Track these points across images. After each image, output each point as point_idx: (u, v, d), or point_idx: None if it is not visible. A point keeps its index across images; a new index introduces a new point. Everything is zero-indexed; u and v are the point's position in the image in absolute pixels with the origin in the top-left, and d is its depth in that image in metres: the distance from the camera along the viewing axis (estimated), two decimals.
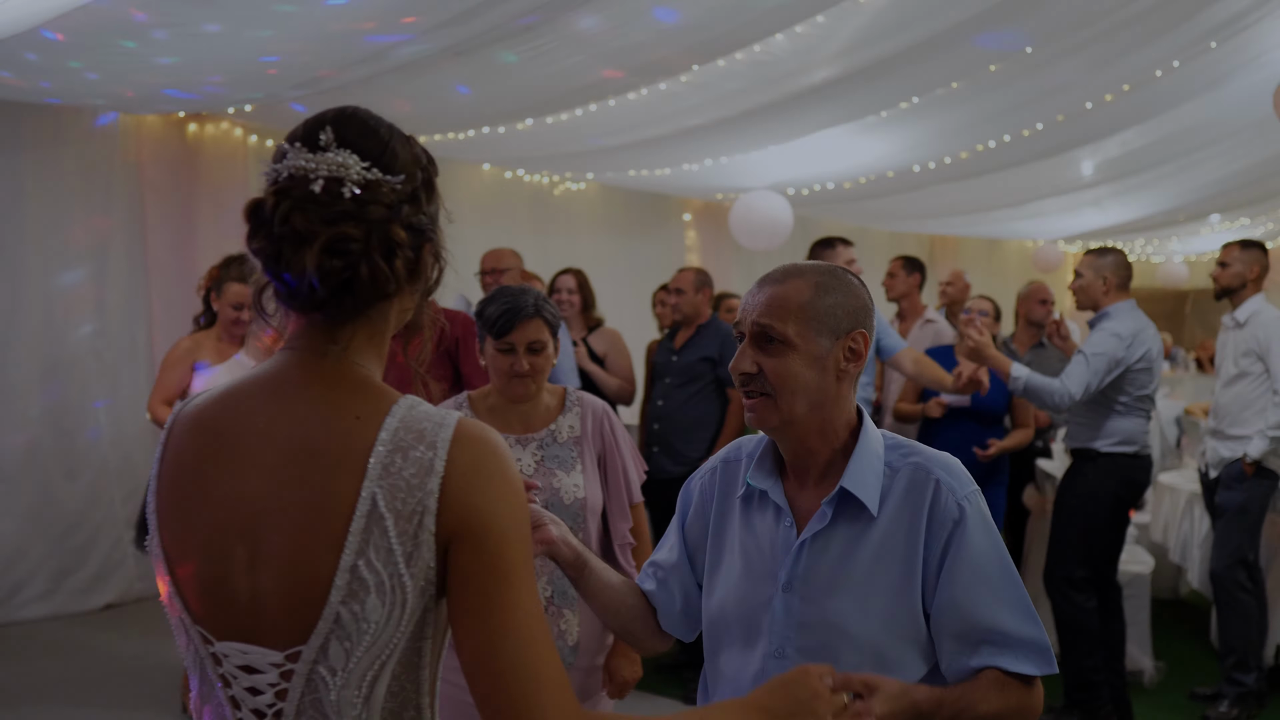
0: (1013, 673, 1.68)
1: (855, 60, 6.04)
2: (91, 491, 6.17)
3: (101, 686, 4.98)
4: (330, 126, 1.26)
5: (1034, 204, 10.90)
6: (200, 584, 1.27)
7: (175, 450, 1.32)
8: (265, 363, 1.34)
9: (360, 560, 1.20)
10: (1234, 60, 7.15)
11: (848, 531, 1.73)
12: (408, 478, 1.20)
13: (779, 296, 1.74)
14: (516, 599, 1.21)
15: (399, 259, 1.26)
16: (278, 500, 1.23)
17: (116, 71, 4.95)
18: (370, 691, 1.23)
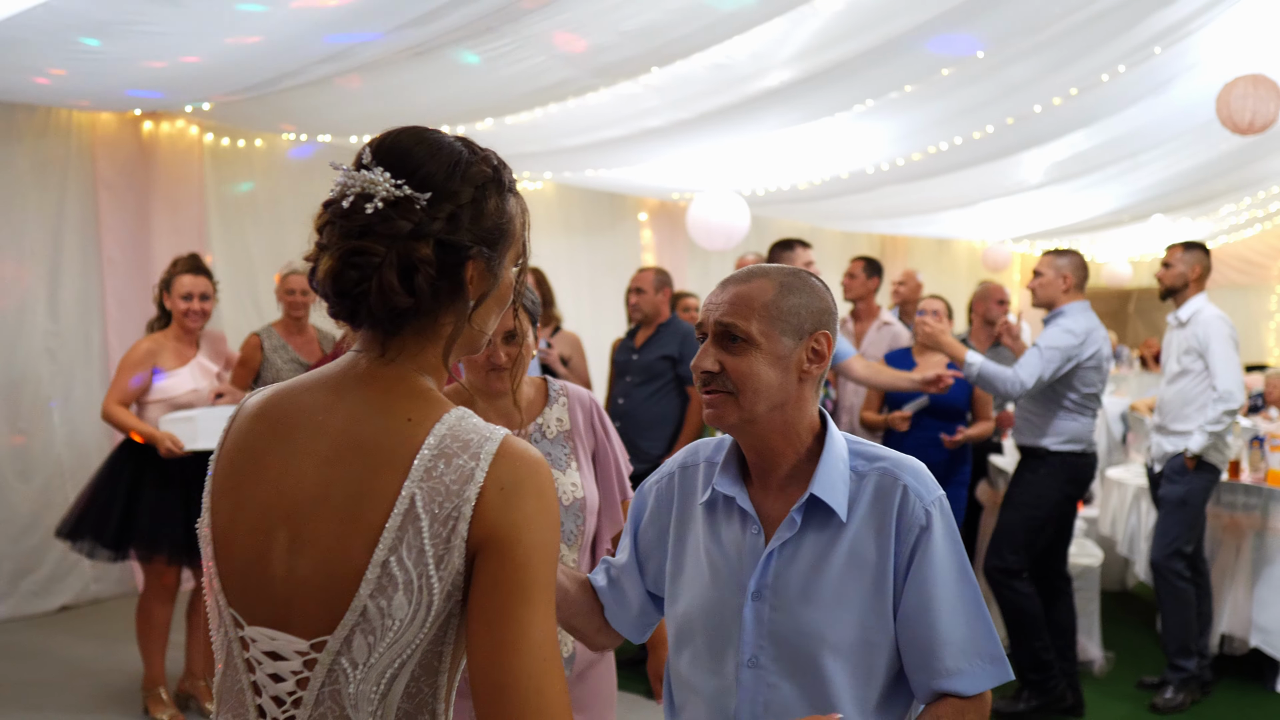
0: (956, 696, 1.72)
1: (811, 64, 6.14)
2: (45, 493, 6.10)
3: (60, 689, 4.93)
4: (372, 147, 1.32)
5: (983, 204, 11.09)
6: (241, 566, 1.31)
7: (236, 436, 1.37)
8: (333, 362, 1.39)
9: (393, 557, 1.23)
10: (1176, 66, 7.35)
11: (817, 538, 1.73)
12: (448, 483, 1.24)
13: (743, 295, 1.75)
14: (532, 617, 1.23)
15: (420, 276, 1.28)
16: (323, 489, 1.27)
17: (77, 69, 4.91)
18: (388, 689, 1.26)
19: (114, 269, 6.40)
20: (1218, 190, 11.66)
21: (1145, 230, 13.78)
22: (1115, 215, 12.41)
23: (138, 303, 6.47)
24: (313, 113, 6.41)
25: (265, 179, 7.23)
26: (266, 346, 5.17)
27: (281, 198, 7.28)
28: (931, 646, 1.71)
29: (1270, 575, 5.25)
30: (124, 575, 6.35)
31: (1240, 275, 15.14)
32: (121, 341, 6.39)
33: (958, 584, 1.73)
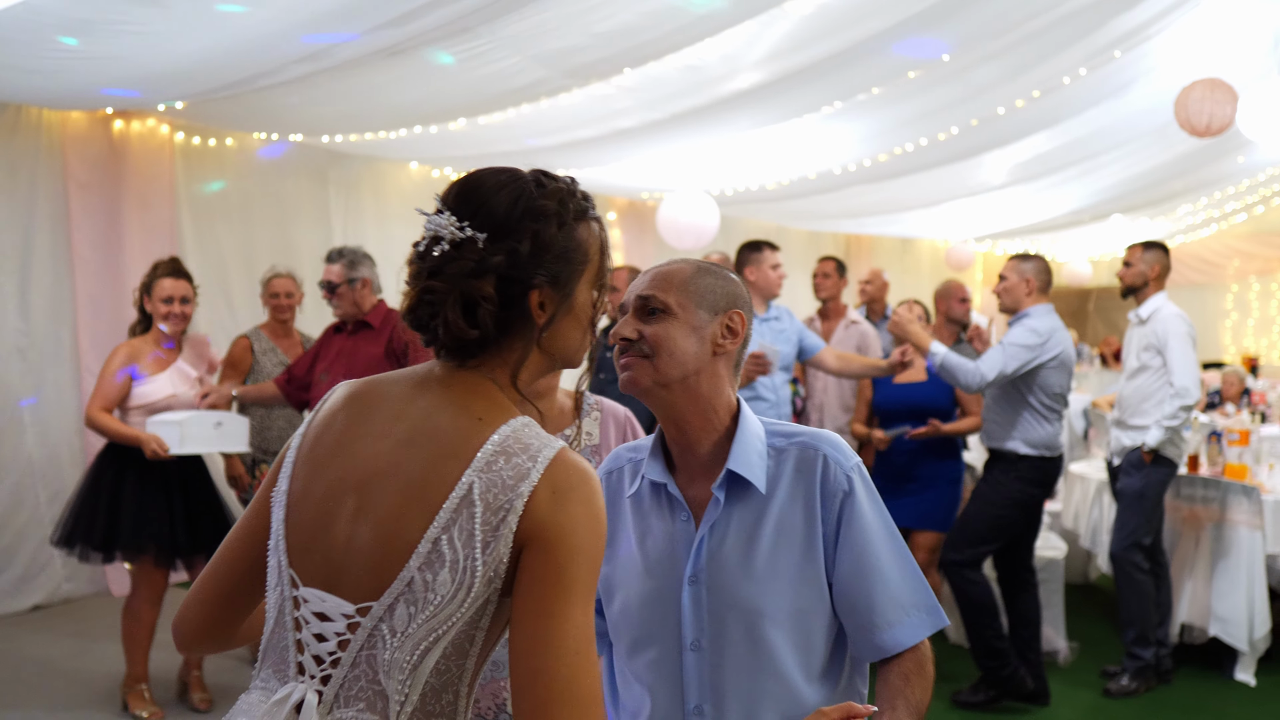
0: (908, 648, 1.79)
1: (780, 66, 6.23)
2: (16, 492, 6.08)
3: (38, 687, 4.93)
4: (445, 194, 1.47)
5: (946, 205, 11.24)
6: (307, 529, 1.43)
7: (326, 413, 1.51)
8: (420, 364, 1.52)
9: (444, 535, 1.34)
10: (1136, 69, 7.53)
11: (743, 515, 1.80)
12: (505, 477, 1.35)
13: (662, 273, 1.86)
14: (570, 612, 1.33)
15: (482, 310, 1.41)
16: (394, 467, 1.39)
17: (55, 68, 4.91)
18: (420, 660, 1.35)
19: (85, 268, 6.38)
20: (1175, 191, 11.90)
21: (1105, 230, 14.02)
22: (1075, 215, 12.62)
23: (109, 302, 6.47)
24: (285, 112, 6.42)
25: (236, 178, 7.23)
26: (256, 349, 5.20)
27: (253, 197, 7.29)
28: (869, 603, 1.78)
29: (1228, 566, 5.40)
30: (95, 575, 6.35)
31: (1197, 275, 15.43)
32: (93, 341, 6.39)
33: (886, 542, 1.82)
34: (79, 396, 6.36)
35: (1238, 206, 14.01)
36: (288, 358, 5.26)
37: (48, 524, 6.14)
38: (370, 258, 4.71)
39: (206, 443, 4.54)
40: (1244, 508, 5.38)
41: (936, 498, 5.35)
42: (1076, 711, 4.94)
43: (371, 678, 1.36)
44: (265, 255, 7.17)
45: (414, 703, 1.36)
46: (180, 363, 4.68)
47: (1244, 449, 5.85)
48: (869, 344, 6.33)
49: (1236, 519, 5.41)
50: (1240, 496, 5.40)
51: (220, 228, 7.07)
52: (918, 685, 1.77)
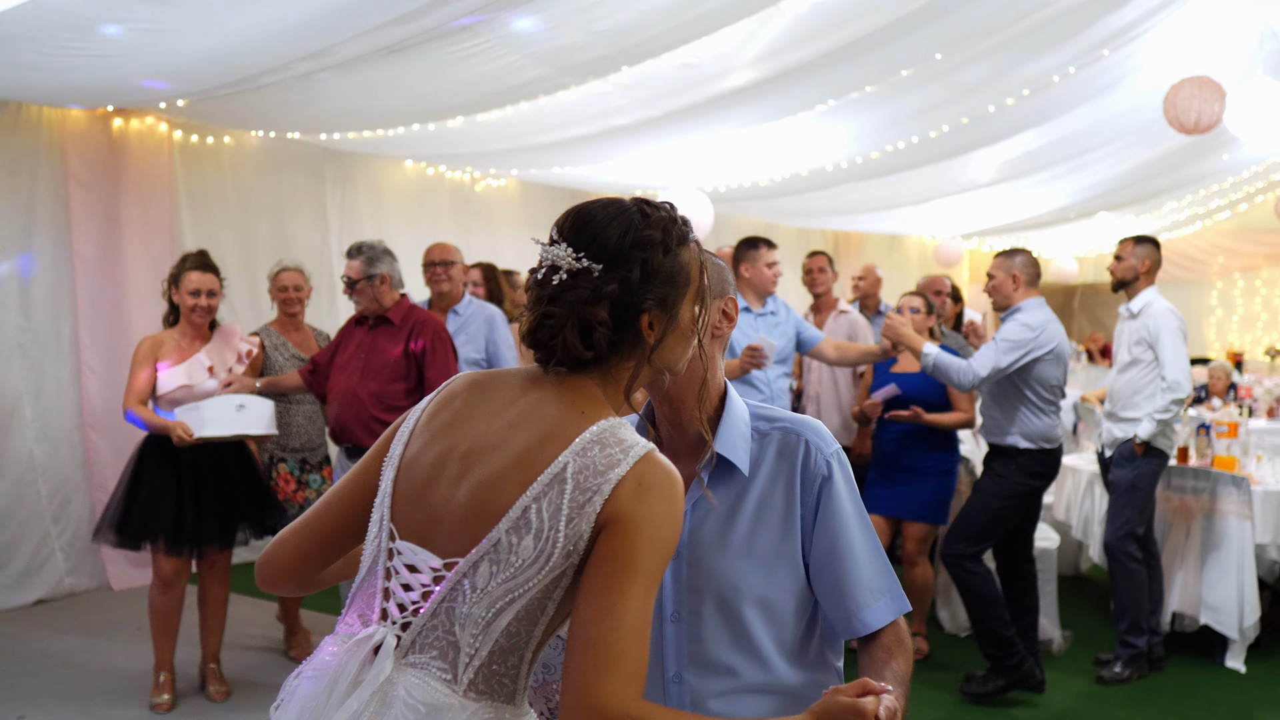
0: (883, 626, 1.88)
1: (775, 64, 6.30)
2: (17, 488, 6.10)
3: (47, 680, 4.96)
4: (559, 225, 1.60)
5: (935, 202, 11.33)
6: (412, 489, 1.58)
7: (447, 394, 1.67)
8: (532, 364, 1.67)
9: (534, 505, 1.48)
10: (1124, 68, 7.62)
11: (725, 495, 1.87)
12: (597, 462, 1.48)
13: None
14: (633, 591, 1.44)
15: (597, 334, 1.55)
16: (501, 442, 1.54)
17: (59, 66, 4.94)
18: (494, 618, 1.49)
19: (85, 265, 6.41)
20: (1161, 188, 12.02)
21: (1091, 227, 14.14)
22: (1062, 212, 12.73)
23: (109, 299, 6.50)
24: (284, 110, 6.46)
25: (234, 176, 7.26)
26: (267, 345, 5.25)
27: (250, 194, 7.33)
28: (841, 584, 1.87)
29: (1218, 555, 5.49)
30: (97, 570, 6.39)
31: (1182, 271, 15.58)
32: (93, 338, 6.43)
33: (860, 528, 1.90)
34: (79, 393, 6.39)
35: (1222, 204, 14.16)
36: (300, 352, 5.30)
37: (48, 519, 6.20)
38: (390, 253, 4.72)
39: (228, 425, 4.58)
40: (1233, 498, 5.47)
41: (927, 489, 5.40)
42: (1071, 698, 5.03)
43: (447, 628, 1.50)
44: (264, 252, 7.22)
45: (482, 657, 1.49)
46: (200, 355, 4.73)
47: (1232, 441, 5.95)
48: (859, 332, 6.43)
49: (1226, 509, 5.50)
50: (1230, 487, 5.49)
51: (219, 225, 7.11)
52: (900, 657, 1.86)
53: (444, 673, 1.50)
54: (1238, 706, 5.00)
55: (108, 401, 6.35)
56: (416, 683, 1.49)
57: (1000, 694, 4.90)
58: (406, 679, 1.50)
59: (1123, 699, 5.05)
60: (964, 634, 5.86)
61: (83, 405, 6.41)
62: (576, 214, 1.59)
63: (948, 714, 4.81)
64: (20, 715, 4.55)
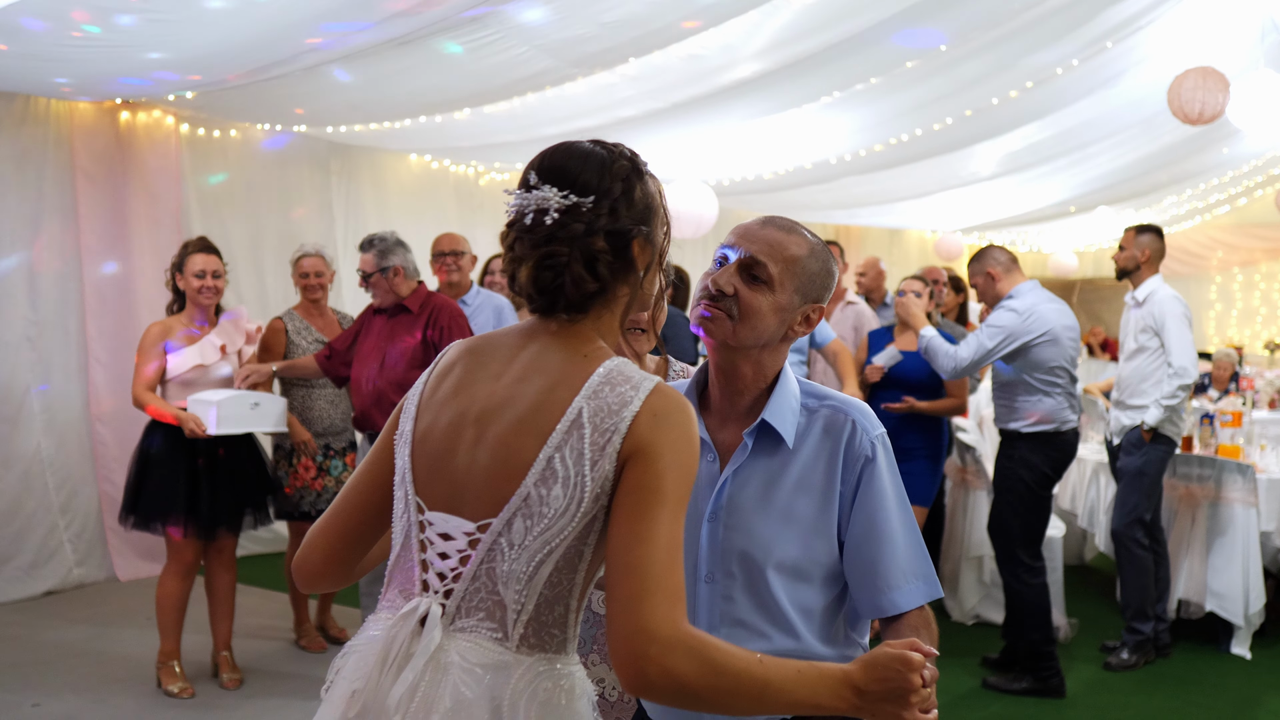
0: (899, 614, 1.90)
1: (781, 56, 6.31)
2: (25, 479, 6.11)
3: (59, 669, 4.98)
4: (534, 170, 1.61)
5: (937, 196, 11.34)
6: (432, 460, 1.60)
7: (444, 366, 1.69)
8: (526, 320, 1.68)
9: (557, 454, 1.50)
10: (1127, 60, 7.65)
11: (767, 464, 1.92)
12: (610, 402, 1.51)
13: (780, 242, 1.93)
14: (663, 516, 1.46)
15: (599, 265, 1.58)
16: (510, 399, 1.57)
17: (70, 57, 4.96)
18: (535, 571, 1.51)
19: (92, 258, 6.43)
20: (1161, 182, 12.05)
21: (1090, 221, 14.16)
22: (1062, 206, 12.74)
23: (116, 291, 6.52)
24: (290, 103, 6.47)
25: (241, 168, 7.28)
26: (290, 329, 5.26)
27: (257, 186, 7.34)
28: (876, 565, 1.90)
29: (1224, 543, 5.53)
30: (105, 561, 6.41)
31: (1181, 266, 15.61)
32: (100, 330, 6.45)
33: (899, 511, 1.93)
34: (86, 384, 6.41)
35: (1221, 198, 14.19)
36: (323, 335, 5.31)
37: (56, 510, 6.22)
38: (403, 244, 4.74)
39: (243, 422, 4.61)
40: (1239, 486, 5.51)
41: (916, 472, 5.40)
42: (1078, 684, 5.06)
43: (491, 589, 1.53)
44: (271, 245, 7.24)
45: (529, 612, 1.52)
46: (211, 335, 4.75)
47: (1236, 430, 5.99)
48: (865, 323, 6.46)
49: (1232, 497, 5.54)
50: (1235, 475, 5.53)
51: (227, 217, 7.12)
52: (926, 639, 1.87)
53: (494, 632, 1.52)
54: (1243, 692, 5.04)
55: (115, 394, 6.36)
56: (469, 646, 1.52)
57: (1023, 694, 4.90)
58: (458, 644, 1.52)
59: (1129, 685, 5.09)
60: (970, 622, 5.90)
61: (90, 397, 6.42)
62: (549, 158, 1.61)
63: (954, 701, 4.84)
64: (34, 703, 4.57)
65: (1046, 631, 4.91)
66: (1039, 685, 4.89)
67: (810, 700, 1.49)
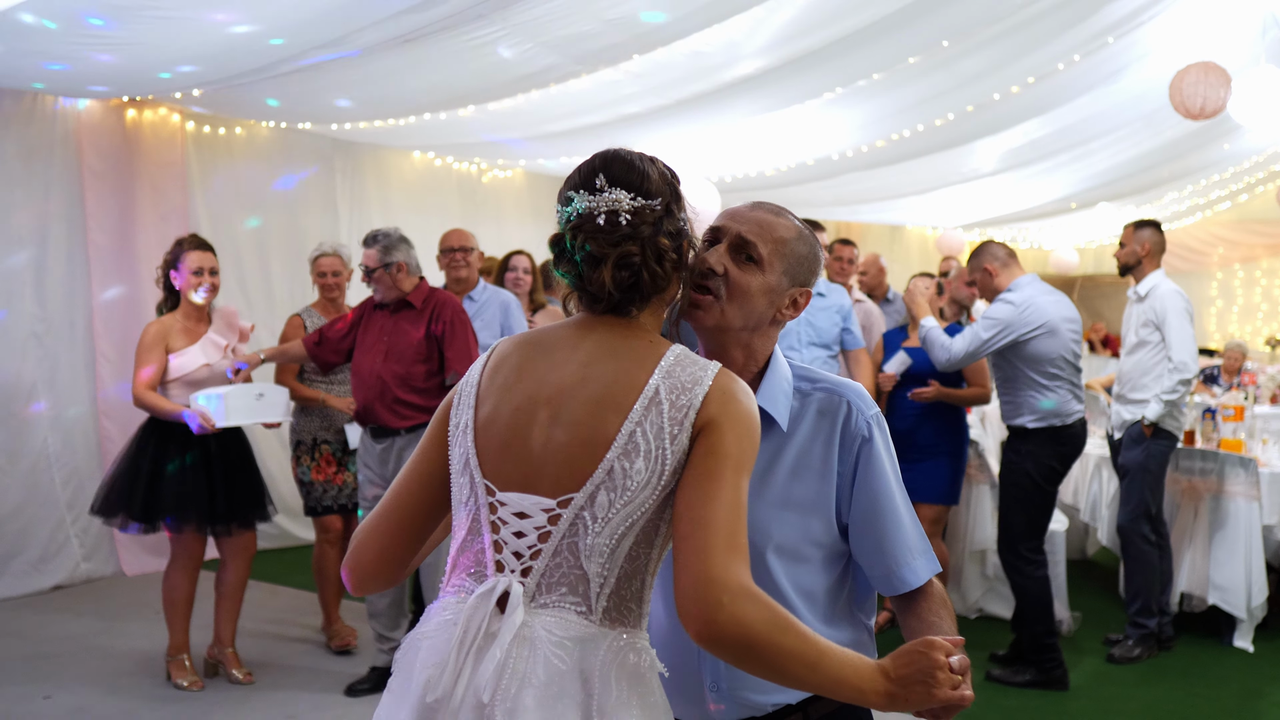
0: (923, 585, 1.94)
1: (784, 52, 6.33)
2: (32, 474, 6.17)
3: (68, 663, 5.02)
4: (602, 173, 1.67)
5: (938, 192, 11.35)
6: (500, 443, 1.64)
7: (499, 356, 1.73)
8: (572, 317, 1.75)
9: (638, 429, 1.58)
10: (1128, 55, 7.65)
11: (764, 448, 1.87)
12: (684, 381, 1.61)
13: (769, 223, 1.92)
14: (731, 478, 1.56)
15: (666, 261, 1.68)
16: (583, 380, 1.63)
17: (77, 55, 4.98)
18: (618, 545, 1.58)
19: (99, 254, 6.47)
20: (1162, 178, 12.04)
21: (1091, 218, 14.16)
22: (1063, 203, 12.74)
23: (123, 288, 6.57)
24: (297, 100, 6.50)
25: (246, 166, 7.31)
26: (308, 326, 5.29)
27: (262, 184, 7.37)
28: (882, 542, 1.92)
29: (1226, 536, 5.55)
30: (112, 555, 6.45)
31: (1181, 262, 15.61)
32: (107, 327, 6.48)
33: (898, 489, 1.96)
34: (93, 381, 6.45)
35: (1223, 194, 14.18)
36: None
37: (63, 506, 6.25)
38: (406, 240, 4.76)
39: (249, 414, 4.64)
40: (1241, 479, 5.53)
41: (939, 470, 5.45)
42: (1083, 677, 5.08)
43: (573, 564, 1.57)
44: (276, 241, 7.26)
45: (611, 585, 1.58)
46: (211, 334, 4.78)
47: (1239, 425, 6.01)
48: (873, 321, 6.46)
49: (1234, 491, 5.56)
50: (1238, 469, 5.55)
51: (232, 215, 7.15)
52: (947, 618, 1.90)
53: (578, 605, 1.57)
54: (1246, 685, 5.06)
55: (121, 390, 6.41)
56: (554, 620, 1.56)
57: (1026, 687, 4.92)
58: (542, 620, 1.56)
59: (1133, 677, 5.11)
60: (974, 615, 5.92)
61: (97, 393, 6.46)
62: (614, 162, 1.67)
63: None
64: (46, 695, 4.61)
65: (1049, 624, 4.94)
66: (1042, 677, 4.91)
67: (853, 681, 1.52)
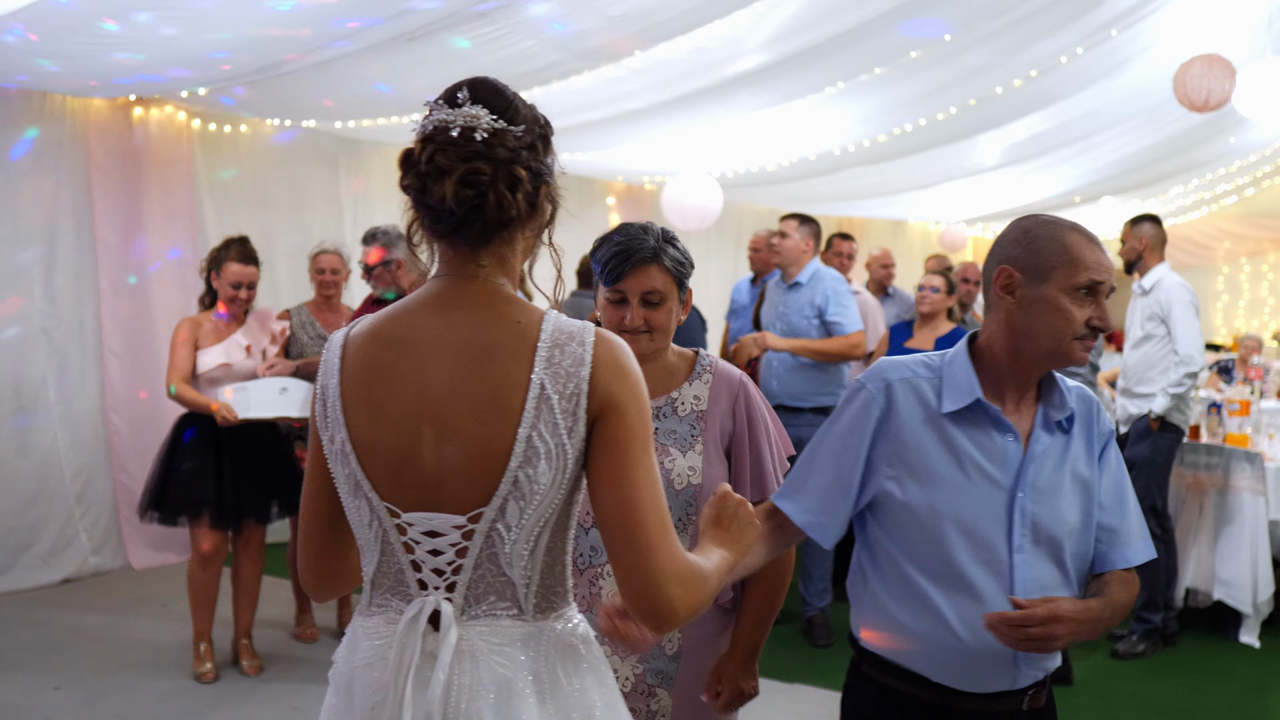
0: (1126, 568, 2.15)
1: (786, 46, 6.33)
2: (42, 469, 6.20)
3: (78, 654, 5.06)
4: (466, 88, 1.57)
5: (940, 187, 11.34)
6: (389, 465, 1.54)
7: (355, 360, 1.59)
8: (422, 288, 1.62)
9: (534, 432, 1.50)
10: (1132, 48, 7.64)
11: (1056, 441, 2.12)
12: (566, 366, 1.52)
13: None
14: (645, 461, 1.53)
15: (519, 193, 1.54)
16: (459, 387, 1.52)
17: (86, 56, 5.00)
18: (536, 545, 1.55)
19: (107, 252, 6.50)
20: (1167, 172, 12.02)
21: (1095, 212, 14.13)
22: (1067, 197, 12.71)
23: (130, 284, 6.59)
24: (301, 98, 6.51)
25: (251, 164, 7.33)
26: (294, 323, 5.33)
27: (267, 182, 7.39)
28: (1118, 526, 2.16)
29: (1231, 531, 5.55)
30: (120, 549, 6.49)
31: (1187, 257, 15.58)
32: (115, 323, 6.52)
33: (1128, 479, 2.23)
34: (101, 376, 6.49)
35: (1228, 188, 14.15)
36: (326, 332, 5.36)
37: (72, 500, 6.29)
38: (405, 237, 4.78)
39: (271, 407, 4.71)
40: (1247, 474, 5.52)
41: None
42: (1087, 672, 5.09)
43: (497, 573, 1.54)
44: (281, 238, 7.28)
45: (537, 582, 1.56)
46: (237, 335, 4.87)
47: (1244, 419, 6.00)
48: (870, 313, 6.46)
49: (1240, 485, 5.55)
50: (1243, 463, 5.54)
51: (239, 212, 7.17)
52: (1124, 592, 2.13)
53: (509, 610, 1.55)
54: (1252, 680, 5.07)
55: (129, 385, 6.46)
56: (489, 629, 1.54)
57: None
58: (478, 630, 1.54)
59: (1138, 673, 5.12)
60: None
61: (105, 389, 6.50)
62: (483, 82, 1.58)
63: None
64: (56, 686, 4.65)
65: None
66: None
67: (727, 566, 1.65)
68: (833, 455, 2.15)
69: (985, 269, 2.15)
